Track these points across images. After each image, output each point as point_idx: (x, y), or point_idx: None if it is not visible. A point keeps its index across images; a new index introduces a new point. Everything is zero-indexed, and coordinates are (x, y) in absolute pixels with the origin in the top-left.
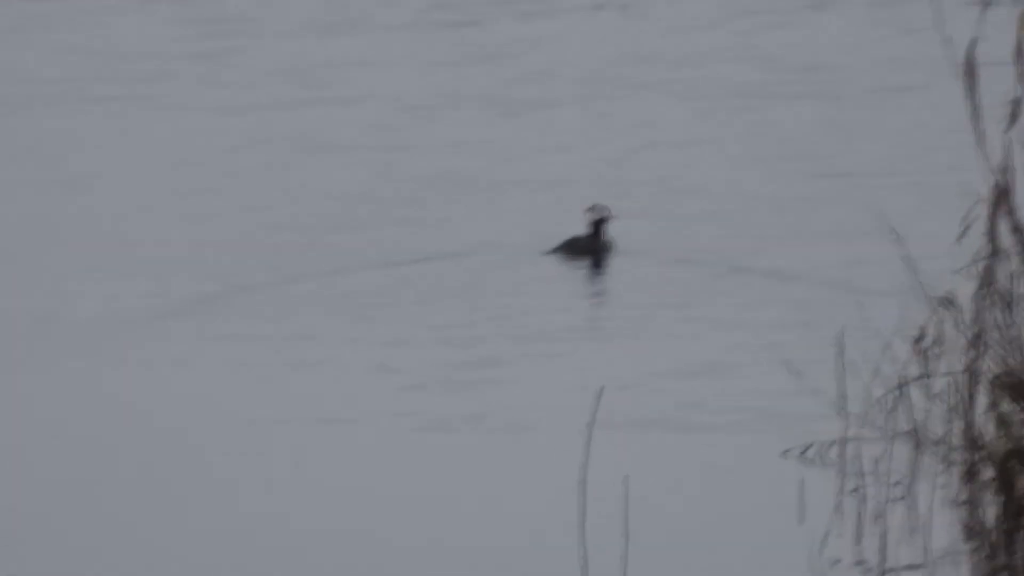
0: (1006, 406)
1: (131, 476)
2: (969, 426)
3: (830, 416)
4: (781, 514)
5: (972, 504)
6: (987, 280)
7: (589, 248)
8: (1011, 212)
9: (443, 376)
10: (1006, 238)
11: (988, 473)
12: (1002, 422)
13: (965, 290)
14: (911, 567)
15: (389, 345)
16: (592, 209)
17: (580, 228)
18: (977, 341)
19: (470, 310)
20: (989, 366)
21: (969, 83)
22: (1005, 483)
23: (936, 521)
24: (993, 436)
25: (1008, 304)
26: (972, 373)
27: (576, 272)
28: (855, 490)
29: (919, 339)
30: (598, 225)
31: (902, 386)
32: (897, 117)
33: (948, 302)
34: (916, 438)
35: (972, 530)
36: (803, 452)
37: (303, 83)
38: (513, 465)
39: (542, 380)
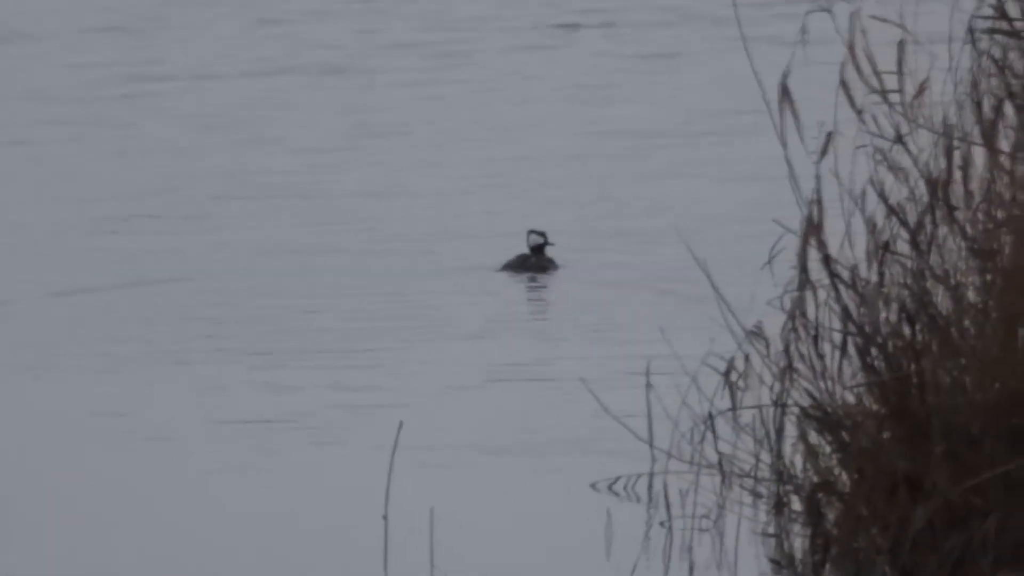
0: (814, 438)
1: None
2: (777, 458)
3: (638, 449)
4: (589, 547)
5: (780, 536)
6: (796, 312)
7: (535, 266)
8: (821, 244)
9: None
10: (816, 270)
11: (796, 505)
12: (810, 454)
13: (774, 322)
14: None
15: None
16: (534, 232)
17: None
18: (785, 373)
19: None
20: (797, 399)
21: (783, 112)
22: (813, 515)
23: (744, 553)
24: (801, 468)
25: (816, 337)
26: (780, 406)
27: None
28: (663, 523)
29: (727, 371)
30: (540, 247)
31: (710, 418)
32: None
33: (756, 334)
34: (724, 470)
35: (780, 562)
36: (611, 485)
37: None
38: (323, 486)
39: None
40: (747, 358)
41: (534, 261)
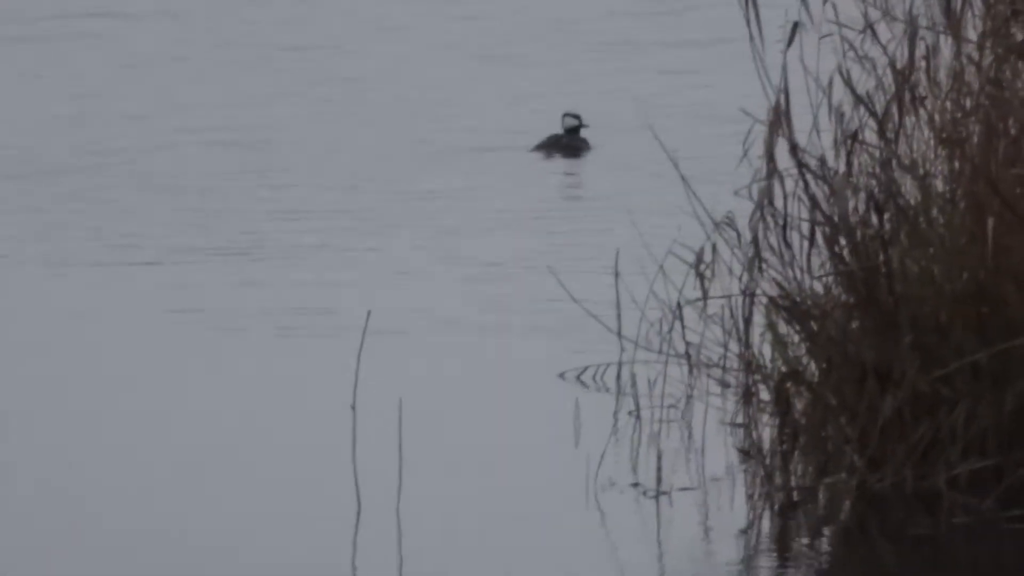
0: (782, 328)
1: None
2: (745, 348)
3: (606, 338)
4: (557, 437)
5: (748, 426)
6: (764, 202)
7: (569, 146)
8: (789, 133)
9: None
10: (784, 160)
11: (764, 395)
12: (778, 344)
13: (743, 212)
14: (687, 489)
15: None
16: (568, 115)
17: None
18: (753, 263)
19: None
20: (765, 288)
21: (748, 3)
22: (781, 405)
23: (712, 442)
24: (769, 358)
25: (784, 226)
26: (748, 295)
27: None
28: (631, 412)
29: (696, 261)
30: (575, 129)
31: (678, 308)
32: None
33: (725, 224)
34: (692, 360)
35: (748, 452)
36: (579, 375)
37: None
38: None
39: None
40: (715, 248)
41: (566, 141)
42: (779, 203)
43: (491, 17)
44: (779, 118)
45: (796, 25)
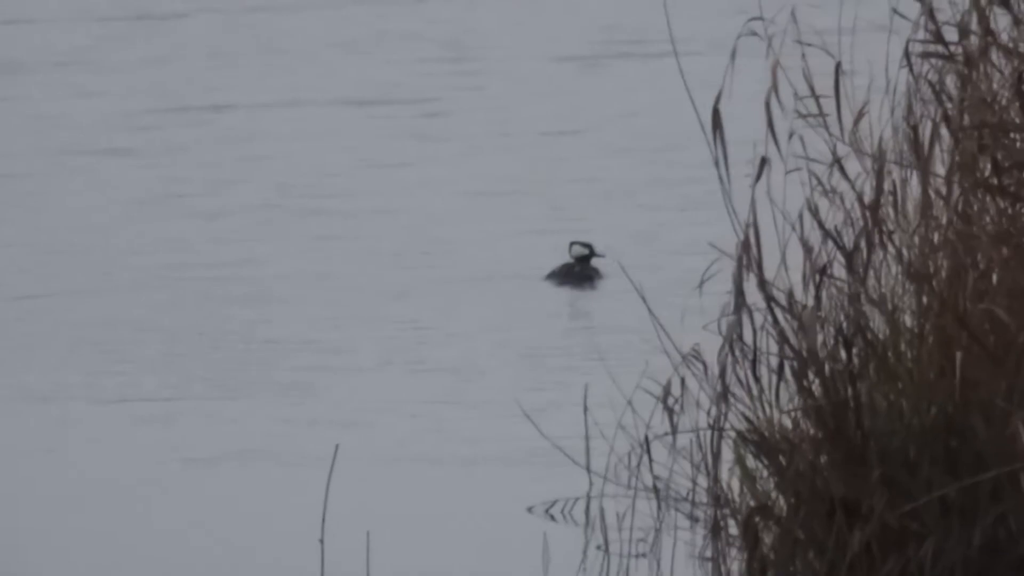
0: (751, 462)
1: None
2: (714, 482)
3: (576, 472)
4: (526, 571)
5: (717, 560)
6: (733, 336)
7: (581, 275)
8: (757, 268)
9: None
10: (752, 294)
11: (733, 529)
12: (747, 478)
13: (711, 346)
14: None
15: None
16: (577, 243)
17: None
18: (722, 397)
19: None
20: (734, 422)
21: (716, 136)
22: (749, 539)
23: None
24: (738, 492)
25: (753, 360)
26: (717, 429)
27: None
28: (600, 547)
29: (664, 395)
30: (586, 258)
31: (646, 442)
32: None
33: (693, 358)
34: (660, 494)
35: None
36: (548, 508)
37: None
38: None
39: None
40: (683, 381)
41: (579, 270)
42: (748, 337)
43: (477, 153)
44: (748, 253)
45: (764, 160)
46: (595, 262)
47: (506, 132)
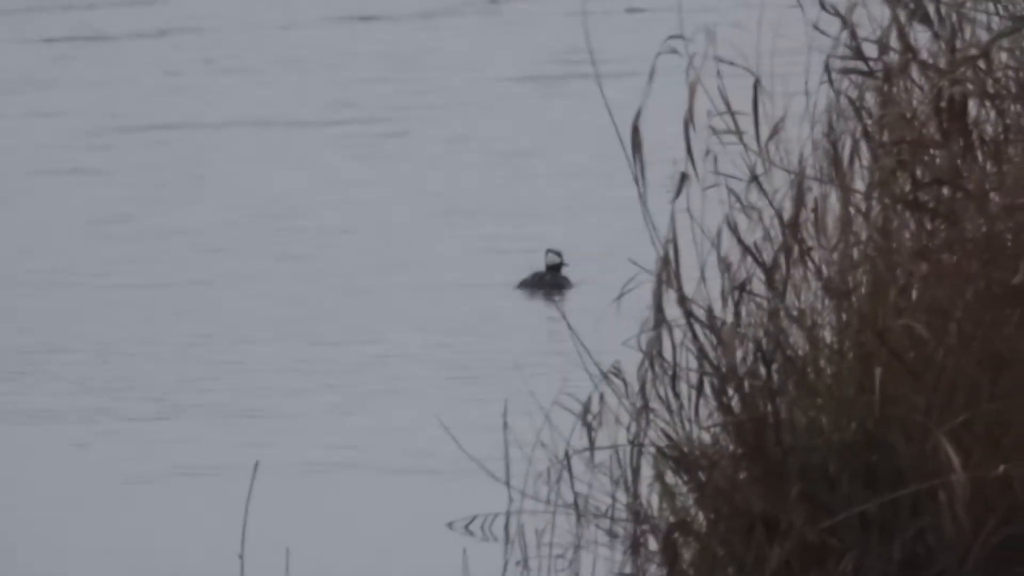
0: (670, 478)
1: None
2: (633, 498)
3: (495, 488)
4: None
5: None
6: (652, 352)
7: (552, 284)
8: (677, 283)
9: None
10: (672, 309)
11: (652, 545)
12: (666, 494)
13: (631, 362)
14: None
15: None
16: (551, 251)
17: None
18: (641, 413)
19: None
20: (653, 438)
21: (635, 153)
22: (669, 555)
23: None
24: (657, 508)
25: (673, 376)
26: (636, 445)
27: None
28: (519, 563)
29: (583, 411)
30: (557, 266)
31: (566, 458)
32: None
33: (613, 374)
34: (580, 510)
35: None
36: (467, 524)
37: None
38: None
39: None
40: (602, 397)
41: (549, 279)
42: (667, 353)
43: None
44: (667, 268)
45: (683, 176)
46: (566, 271)
47: (465, 150)
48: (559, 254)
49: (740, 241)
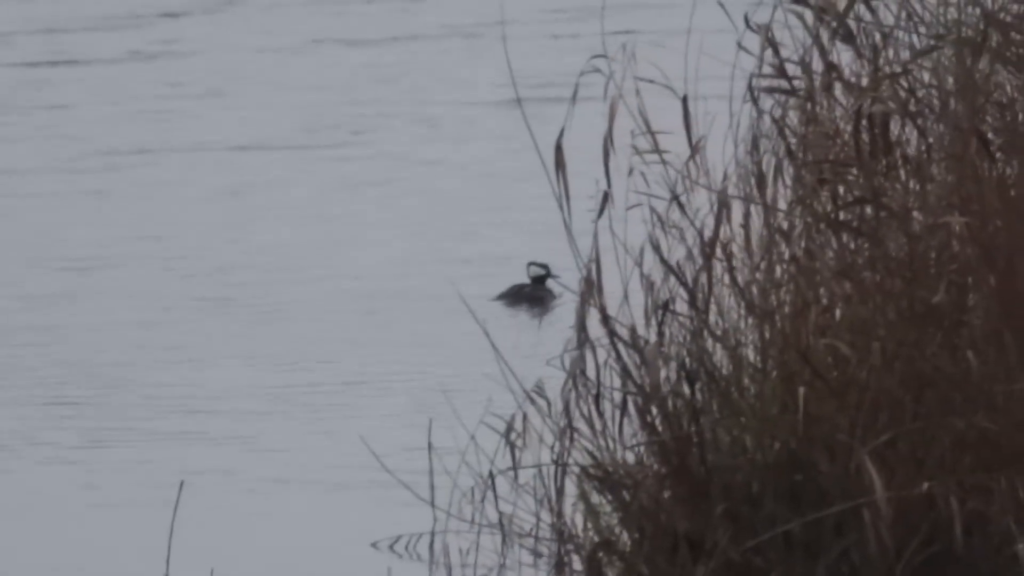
0: (594, 498)
1: None
2: (557, 518)
3: (420, 508)
4: None
5: None
6: (576, 371)
7: (533, 296)
8: (600, 302)
9: None
10: (595, 329)
11: (577, 565)
12: (590, 514)
13: (554, 381)
14: None
15: None
16: (535, 264)
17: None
18: (565, 433)
19: None
20: (577, 458)
21: (558, 173)
22: (593, 575)
23: None
24: (581, 528)
25: (596, 396)
26: (560, 465)
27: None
28: None
29: (507, 430)
30: (542, 278)
31: (490, 478)
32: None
33: (537, 393)
34: (504, 530)
35: None
36: (392, 544)
37: None
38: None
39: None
40: (525, 417)
41: (529, 291)
42: (591, 372)
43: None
44: (590, 288)
45: (606, 195)
46: (550, 283)
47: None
48: (544, 266)
49: (662, 260)
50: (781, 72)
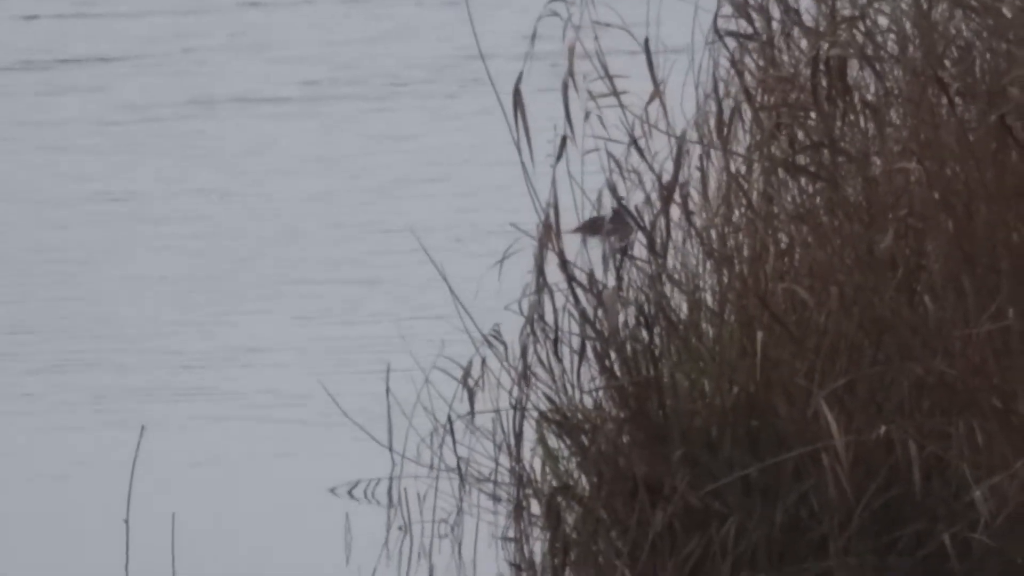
0: (553, 442)
1: None
2: (516, 462)
3: (377, 452)
4: (329, 552)
5: (520, 540)
6: (534, 316)
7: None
8: (558, 247)
9: None
10: (554, 274)
11: (535, 509)
12: (549, 458)
13: (512, 326)
14: None
15: None
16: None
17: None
18: (523, 377)
19: None
20: (535, 403)
21: (516, 116)
22: (552, 519)
23: (483, 557)
24: (540, 472)
25: (555, 340)
26: (519, 409)
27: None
28: (401, 527)
29: (464, 375)
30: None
31: (448, 422)
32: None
33: (494, 338)
34: (462, 474)
35: (520, 566)
36: (350, 489)
37: None
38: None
39: None
40: (484, 361)
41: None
42: (549, 317)
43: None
44: (548, 232)
45: (564, 139)
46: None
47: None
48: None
49: (620, 204)
50: (745, 15)
